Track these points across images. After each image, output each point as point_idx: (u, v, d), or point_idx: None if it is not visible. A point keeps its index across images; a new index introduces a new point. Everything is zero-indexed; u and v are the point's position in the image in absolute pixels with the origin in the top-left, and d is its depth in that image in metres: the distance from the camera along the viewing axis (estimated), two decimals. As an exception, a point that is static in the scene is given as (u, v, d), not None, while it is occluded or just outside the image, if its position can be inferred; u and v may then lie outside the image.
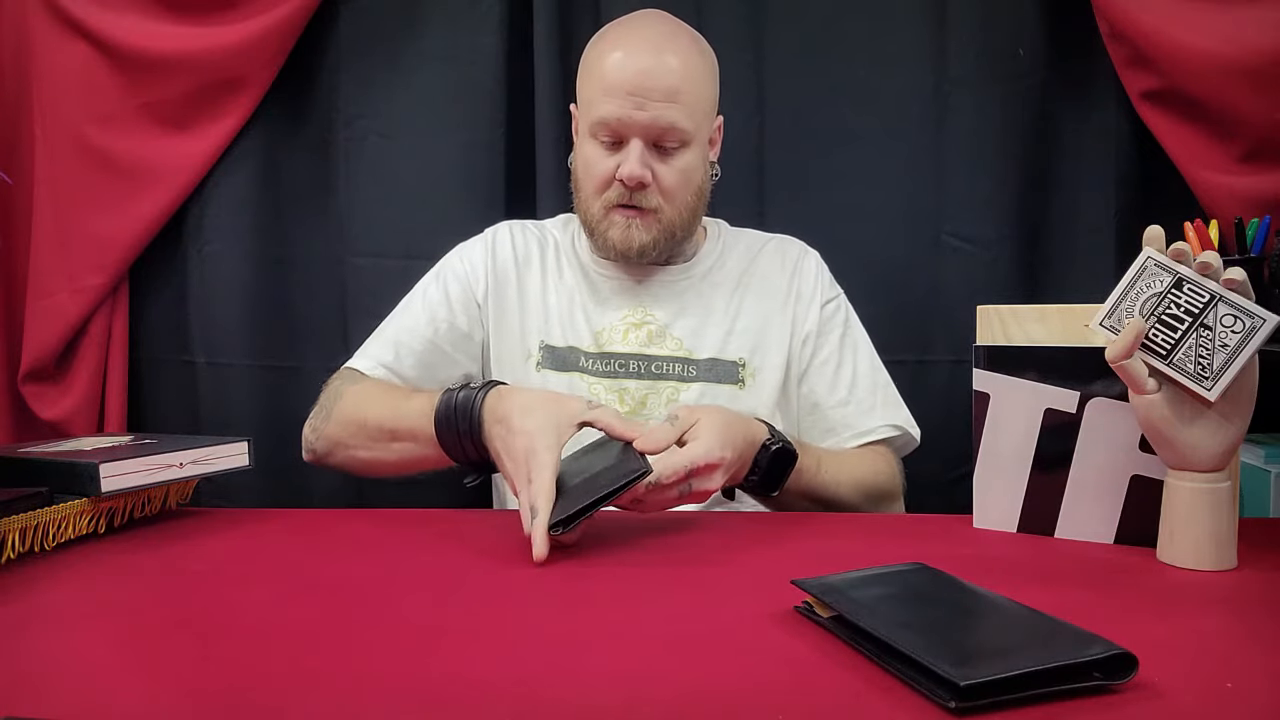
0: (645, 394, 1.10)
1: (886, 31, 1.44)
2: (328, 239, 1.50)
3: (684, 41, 1.07)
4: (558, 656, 0.58)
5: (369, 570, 0.78)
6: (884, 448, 1.13)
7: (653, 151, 1.05)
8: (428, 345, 1.13)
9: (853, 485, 1.05)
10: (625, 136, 1.04)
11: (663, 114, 1.03)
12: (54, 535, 0.84)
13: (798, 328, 1.15)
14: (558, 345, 1.13)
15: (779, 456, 0.95)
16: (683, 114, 1.04)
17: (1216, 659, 0.58)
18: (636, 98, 1.02)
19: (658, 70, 1.02)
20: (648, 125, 1.03)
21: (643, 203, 1.07)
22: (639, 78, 1.02)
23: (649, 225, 1.08)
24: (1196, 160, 1.30)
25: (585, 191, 1.10)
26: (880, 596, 0.62)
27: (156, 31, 1.40)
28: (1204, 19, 1.24)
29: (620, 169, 1.04)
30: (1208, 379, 0.73)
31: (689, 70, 1.05)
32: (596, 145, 1.07)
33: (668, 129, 1.04)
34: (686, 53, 1.06)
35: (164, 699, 0.53)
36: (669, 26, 1.09)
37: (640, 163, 1.04)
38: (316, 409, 1.11)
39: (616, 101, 1.03)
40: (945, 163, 1.43)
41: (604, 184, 1.07)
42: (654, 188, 1.06)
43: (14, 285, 1.46)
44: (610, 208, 1.08)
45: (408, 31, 1.47)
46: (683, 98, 1.03)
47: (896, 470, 1.13)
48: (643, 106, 1.02)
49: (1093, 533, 0.84)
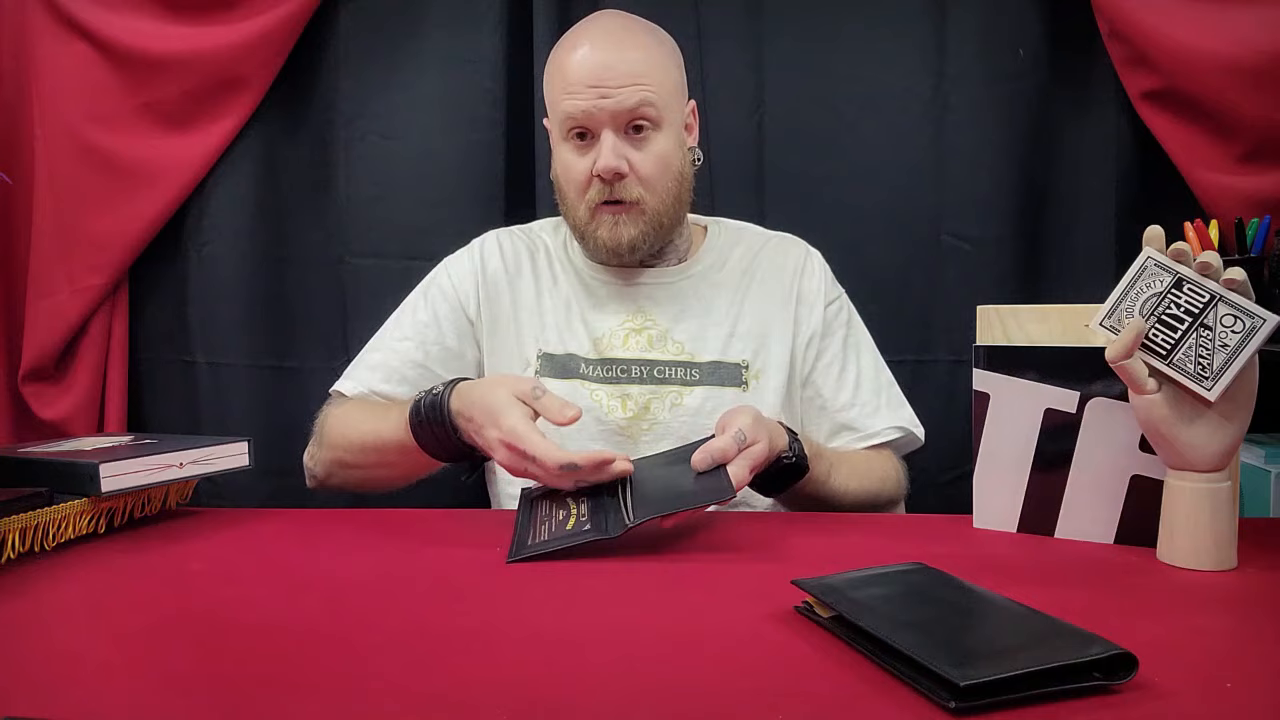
0: (648, 399, 1.09)
1: (886, 31, 1.44)
2: (327, 239, 1.50)
3: (639, 34, 1.07)
4: (557, 656, 0.58)
5: (369, 570, 0.78)
6: (889, 450, 1.13)
7: (626, 140, 1.04)
8: (418, 370, 1.12)
9: (859, 492, 1.05)
10: (595, 129, 1.04)
11: (627, 97, 1.01)
12: (54, 535, 0.84)
13: (801, 329, 1.14)
14: (556, 353, 1.12)
15: (788, 470, 0.95)
16: (649, 93, 1.03)
17: (1216, 659, 0.58)
18: (599, 88, 1.01)
19: (617, 60, 1.02)
20: (615, 112, 1.02)
21: (624, 195, 1.05)
22: (600, 70, 1.02)
23: (635, 218, 1.07)
24: (1196, 160, 1.30)
25: (568, 197, 1.09)
26: (880, 596, 0.62)
27: (156, 31, 1.40)
28: (1204, 19, 1.24)
29: (596, 163, 1.04)
30: (1208, 379, 0.73)
31: (648, 56, 1.04)
32: (570, 148, 1.06)
33: (635, 109, 1.02)
34: (645, 43, 1.05)
35: (164, 699, 0.53)
36: (624, 21, 1.09)
37: (614, 153, 1.03)
38: (312, 437, 1.12)
39: (581, 95, 1.02)
40: (945, 163, 1.43)
41: (584, 184, 1.06)
42: (632, 177, 1.05)
43: (14, 285, 1.46)
44: (594, 208, 1.07)
45: (408, 31, 1.47)
46: (646, 79, 1.03)
47: (901, 475, 1.13)
48: (606, 94, 1.01)
49: (1093, 533, 0.84)
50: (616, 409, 1.08)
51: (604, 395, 1.09)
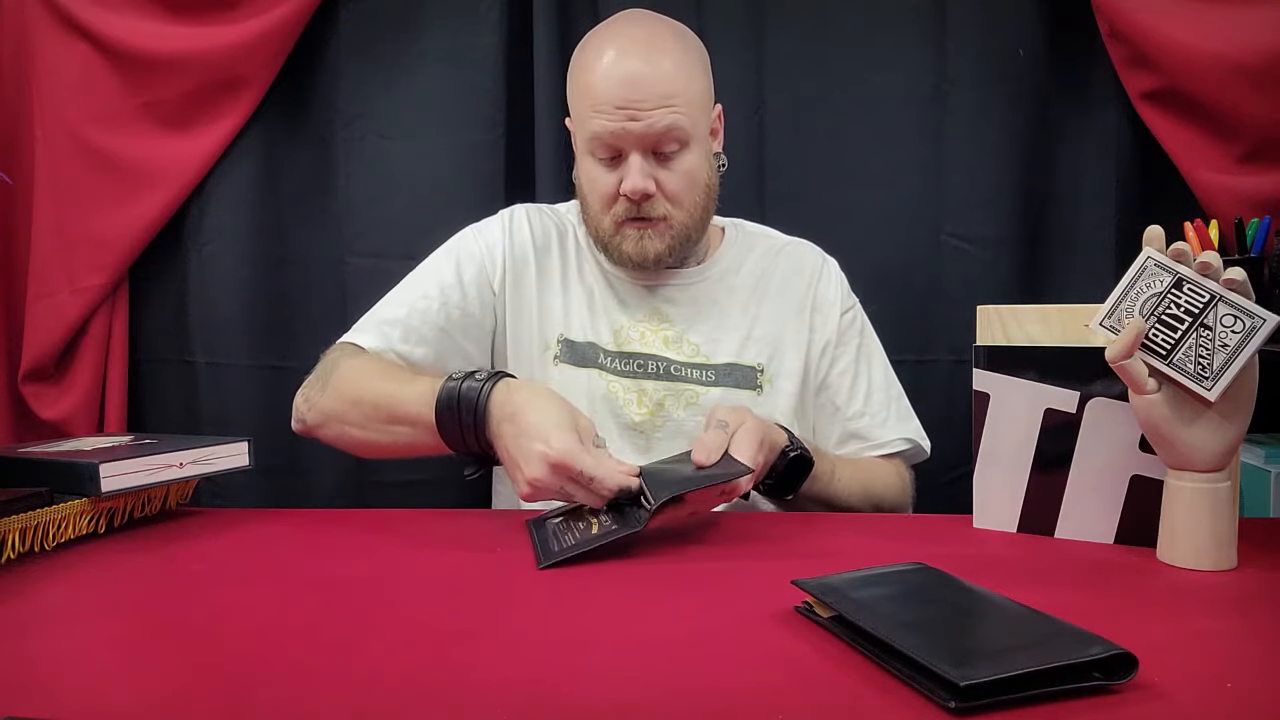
0: (663, 395, 1.08)
1: (886, 32, 1.44)
2: (328, 239, 1.50)
3: (668, 40, 1.03)
4: (558, 656, 0.58)
5: (369, 570, 0.78)
6: (897, 460, 1.13)
7: (653, 159, 1.02)
8: (439, 332, 1.08)
9: (864, 495, 1.05)
10: (623, 150, 1.01)
11: (657, 120, 0.99)
12: (54, 535, 0.84)
13: (816, 336, 1.13)
14: (577, 340, 1.10)
15: (796, 464, 0.95)
16: (678, 115, 1.00)
17: (1216, 659, 0.58)
18: (628, 110, 0.98)
19: (646, 77, 0.99)
20: (643, 135, 0.99)
21: (650, 212, 1.04)
22: (627, 89, 0.98)
23: (661, 234, 1.05)
24: (1196, 160, 1.30)
25: (593, 208, 1.07)
26: (880, 596, 0.62)
27: (156, 31, 1.40)
28: (1204, 19, 1.24)
29: (623, 184, 1.01)
30: (1208, 379, 0.73)
31: (678, 69, 1.01)
32: (595, 162, 1.04)
33: (664, 133, 1.00)
34: (673, 51, 1.01)
35: (164, 699, 0.53)
36: (650, 27, 1.04)
37: (642, 175, 1.01)
38: (311, 379, 1.06)
39: (608, 116, 0.99)
40: (945, 163, 1.43)
41: (609, 200, 1.04)
42: (659, 196, 1.03)
43: (14, 285, 1.46)
44: (620, 222, 1.05)
45: (408, 31, 1.47)
46: (675, 99, 0.99)
47: (908, 483, 1.13)
48: (635, 117, 0.98)
49: (1093, 533, 0.84)
50: (632, 403, 1.08)
51: (620, 388, 1.08)
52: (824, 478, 1.00)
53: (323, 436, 1.05)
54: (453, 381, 0.90)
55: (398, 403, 0.95)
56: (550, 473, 0.80)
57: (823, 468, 0.99)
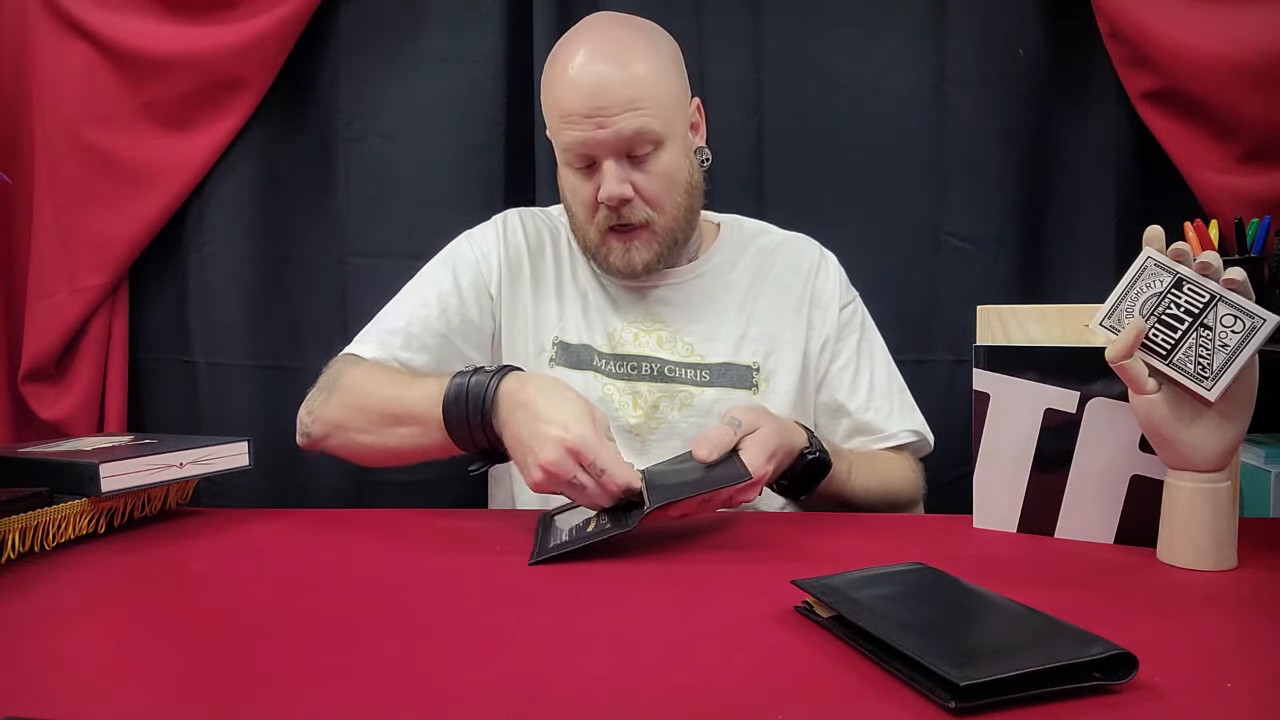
0: (658, 397, 1.08)
1: (886, 31, 1.44)
2: (328, 239, 1.50)
3: (633, 42, 1.01)
4: (557, 656, 0.58)
5: (369, 570, 0.78)
6: (907, 453, 1.13)
7: (628, 163, 1.01)
8: (440, 339, 1.08)
9: (881, 492, 1.05)
10: (596, 157, 1.01)
11: (625, 125, 0.97)
12: (54, 535, 0.84)
13: (814, 332, 1.13)
14: (572, 342, 1.10)
15: (813, 466, 0.94)
16: (646, 117, 0.98)
17: (1216, 659, 0.58)
18: (595, 118, 0.97)
19: (609, 82, 0.97)
20: (613, 141, 0.98)
21: (632, 218, 1.03)
22: (591, 97, 0.97)
23: (647, 243, 1.05)
24: (1196, 160, 1.30)
25: (578, 219, 1.07)
26: (880, 596, 0.62)
27: (156, 31, 1.40)
28: (1204, 19, 1.24)
29: (599, 191, 1.01)
30: (1208, 379, 0.73)
31: (645, 70, 0.99)
32: (573, 172, 1.03)
33: (635, 137, 0.99)
34: (638, 55, 1.00)
35: (164, 699, 0.53)
36: (612, 30, 1.03)
37: (617, 180, 1.00)
38: (314, 392, 1.06)
39: (577, 126, 0.98)
40: (945, 163, 1.43)
41: (591, 209, 1.04)
42: (638, 200, 1.02)
43: (14, 285, 1.46)
44: (604, 232, 1.05)
45: (408, 31, 1.47)
46: (641, 101, 0.98)
47: (919, 476, 1.13)
48: (603, 124, 0.97)
49: (1093, 533, 0.84)
50: (627, 405, 1.08)
51: (615, 390, 1.08)
52: (840, 477, 0.99)
53: (328, 447, 1.05)
54: (460, 376, 0.90)
55: (404, 403, 0.95)
56: (565, 457, 0.80)
57: (839, 467, 0.98)
